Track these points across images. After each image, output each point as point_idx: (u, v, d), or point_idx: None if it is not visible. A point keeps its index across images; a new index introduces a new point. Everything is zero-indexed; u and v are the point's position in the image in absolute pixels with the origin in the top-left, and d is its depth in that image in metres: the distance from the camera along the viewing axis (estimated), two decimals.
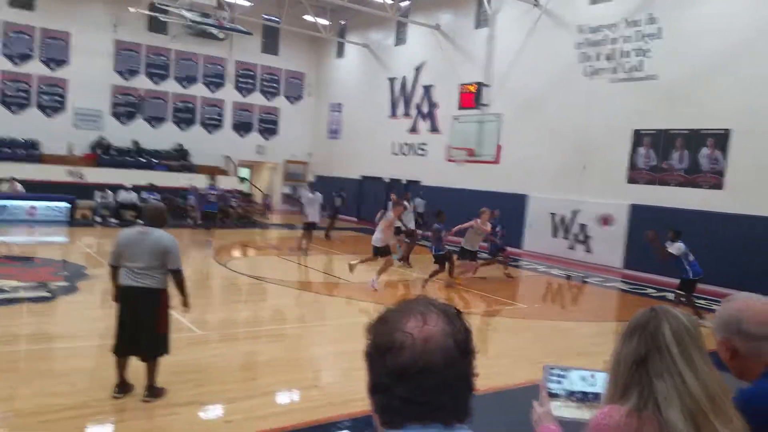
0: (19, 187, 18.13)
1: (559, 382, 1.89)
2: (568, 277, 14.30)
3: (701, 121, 13.96)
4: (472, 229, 11.85)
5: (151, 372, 5.23)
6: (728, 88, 13.38)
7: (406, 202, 14.34)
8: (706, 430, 1.47)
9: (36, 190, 18.47)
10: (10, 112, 22.18)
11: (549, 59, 17.30)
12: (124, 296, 5.20)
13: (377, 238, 11.22)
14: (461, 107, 19.54)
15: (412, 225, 14.98)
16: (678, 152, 14.50)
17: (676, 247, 9.90)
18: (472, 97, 18.03)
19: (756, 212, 12.62)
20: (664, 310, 1.63)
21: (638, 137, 15.30)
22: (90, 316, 7.91)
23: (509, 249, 14.05)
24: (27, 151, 21.93)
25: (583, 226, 16.31)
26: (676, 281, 10.26)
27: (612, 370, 1.64)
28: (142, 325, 5.15)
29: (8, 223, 16.70)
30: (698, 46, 14.00)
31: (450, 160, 17.08)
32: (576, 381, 1.89)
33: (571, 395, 1.88)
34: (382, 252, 11.18)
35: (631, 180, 15.46)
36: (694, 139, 14.15)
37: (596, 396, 1.86)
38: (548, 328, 9.34)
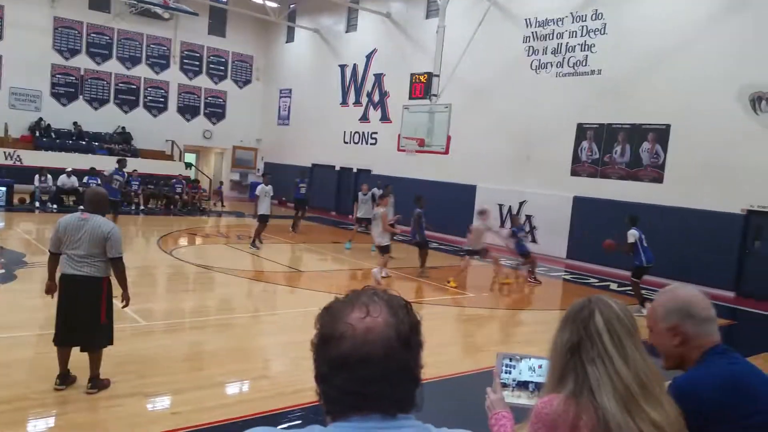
0: None
1: (508, 372, 1.95)
2: (515, 267, 14.62)
3: (642, 116, 14.45)
4: (477, 230, 12.05)
5: (94, 363, 5.10)
6: (668, 84, 13.88)
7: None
8: (638, 414, 1.55)
9: None
10: None
11: (498, 51, 17.54)
12: (64, 284, 5.05)
13: (382, 236, 11.05)
14: (412, 97, 19.62)
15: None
16: (620, 146, 14.97)
17: (631, 234, 10.03)
18: (422, 87, 18.13)
19: (693, 205, 13.20)
20: (597, 299, 1.70)
21: (582, 131, 15.72)
22: (29, 306, 7.62)
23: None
24: None
25: (529, 217, 16.68)
26: (619, 271, 10.64)
27: (550, 359, 1.72)
28: (82, 315, 5.01)
29: None
30: (640, 43, 14.46)
31: (401, 150, 17.12)
32: (524, 371, 1.95)
33: (519, 385, 1.94)
34: (388, 248, 11.17)
35: (574, 173, 15.89)
36: (636, 133, 14.64)
37: (538, 386, 1.93)
38: (495, 316, 9.56)
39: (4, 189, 17.17)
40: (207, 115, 27.10)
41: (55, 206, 17.93)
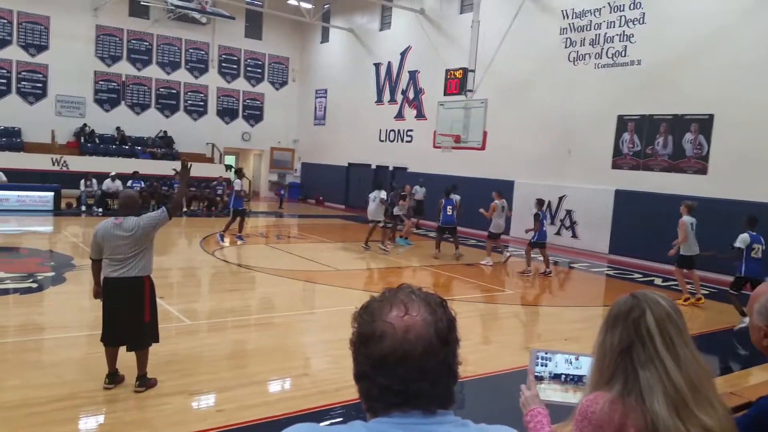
0: (2, 176, 17.88)
1: (544, 365, 1.94)
2: (555, 263, 14.43)
3: (685, 107, 14.07)
4: (495, 207, 13.55)
5: (141, 362, 5.24)
6: (711, 72, 13.48)
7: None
8: (689, 419, 1.52)
9: (19, 178, 18.23)
10: None
11: (534, 44, 17.31)
12: (108, 288, 5.19)
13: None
14: (447, 93, 19.52)
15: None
16: (662, 137, 14.62)
17: (741, 239, 8.93)
18: (457, 83, 18.01)
19: (738, 197, 12.79)
20: (645, 297, 1.66)
21: (622, 123, 15.40)
22: (78, 307, 7.87)
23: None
24: (9, 139, 21.62)
25: (569, 212, 16.43)
26: (663, 266, 10.34)
27: (597, 358, 1.68)
28: (127, 316, 5.15)
29: None
30: (681, 31, 14.08)
31: (437, 147, 17.06)
32: (560, 364, 1.94)
33: (555, 378, 1.93)
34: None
35: (616, 165, 15.58)
36: (678, 124, 14.26)
37: (579, 378, 1.91)
38: (534, 313, 9.45)
39: (52, 194, 17.73)
40: (245, 117, 27.51)
41: (100, 210, 18.45)
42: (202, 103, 26.37)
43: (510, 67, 17.47)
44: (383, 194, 14.54)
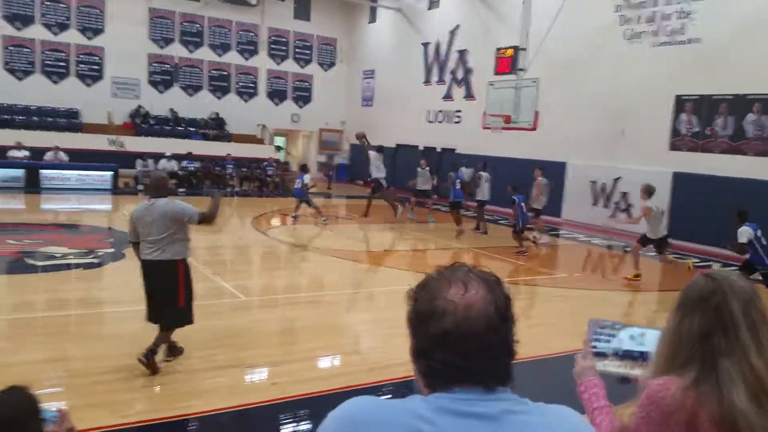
0: (63, 155, 18.58)
1: (608, 341, 1.86)
2: (609, 247, 14.12)
3: (746, 86, 13.44)
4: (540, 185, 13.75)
5: (161, 339, 5.26)
6: None
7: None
8: None
9: (79, 158, 18.91)
10: (51, 81, 22.61)
11: (587, 22, 16.79)
12: (144, 269, 5.27)
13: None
14: (497, 72, 19.20)
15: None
16: (722, 118, 14.02)
17: (744, 233, 8.71)
18: (508, 62, 17.70)
19: None
20: (726, 280, 1.57)
21: (680, 103, 14.84)
22: (136, 282, 8.07)
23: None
24: (68, 120, 22.41)
25: (624, 194, 16.01)
26: (722, 251, 10.00)
27: (670, 342, 1.60)
28: (162, 298, 5.23)
29: (55, 191, 17.19)
30: (743, 7, 13.40)
31: (486, 128, 16.84)
32: (625, 340, 1.85)
33: (619, 355, 1.85)
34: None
35: (674, 147, 15.06)
36: (739, 104, 13.65)
37: (643, 355, 1.82)
38: (587, 297, 9.29)
39: (110, 173, 18.34)
40: (294, 99, 27.72)
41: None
42: (252, 85, 26.70)
43: (563, 45, 17.03)
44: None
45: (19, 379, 2.30)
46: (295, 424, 4.64)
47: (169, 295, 5.21)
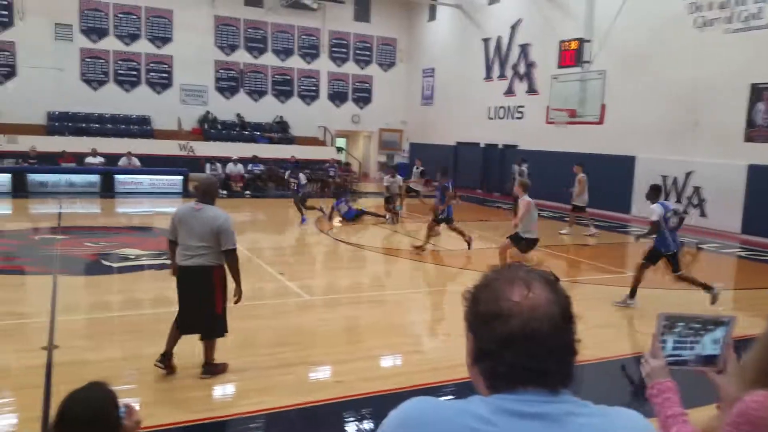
0: (136, 161, 19.42)
1: (691, 348, 1.62)
2: (681, 244, 13.55)
3: None
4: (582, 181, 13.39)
5: (210, 350, 5.18)
6: None
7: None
8: None
9: (150, 163, 19.72)
10: (123, 90, 23.71)
11: (655, 11, 16.16)
12: (180, 276, 5.10)
13: None
14: (561, 66, 18.76)
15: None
16: None
17: (655, 211, 7.74)
18: (572, 55, 17.27)
19: None
20: None
21: (756, 92, 14.08)
22: None
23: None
24: (140, 127, 23.42)
25: (697, 189, 15.34)
26: None
27: (765, 354, 1.50)
28: (198, 305, 5.06)
29: (129, 195, 17.99)
30: None
31: (550, 122, 16.51)
32: (707, 345, 1.62)
33: (706, 361, 1.62)
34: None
35: (749, 138, 14.30)
36: None
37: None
38: (657, 297, 8.94)
39: (180, 178, 19.04)
40: (354, 100, 27.99)
41: (225, 192, 19.55)
42: (314, 88, 27.13)
43: (630, 35, 16.46)
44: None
45: (97, 375, 2.43)
46: (358, 422, 4.68)
47: (205, 302, 5.05)
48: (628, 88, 16.56)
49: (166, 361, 5.08)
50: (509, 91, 22.08)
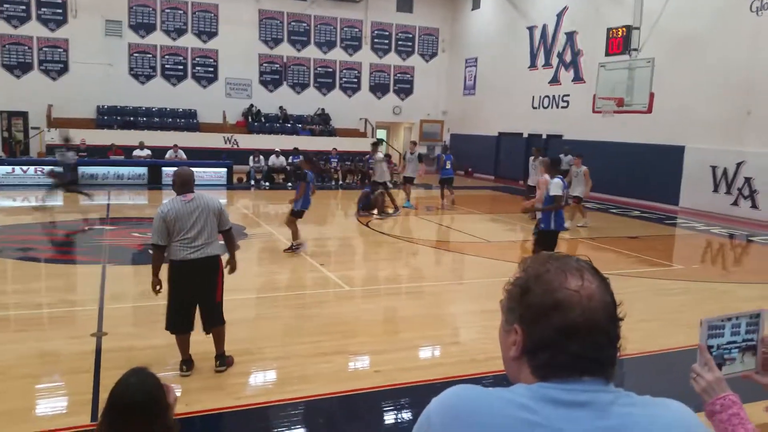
0: (182, 154, 19.86)
1: (738, 349, 1.51)
2: (731, 236, 13.13)
3: None
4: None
5: (220, 341, 5.11)
6: None
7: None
8: None
9: (196, 156, 20.14)
10: (170, 84, 24.23)
11: None
12: (184, 271, 4.87)
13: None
14: (608, 53, 18.28)
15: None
16: None
17: (555, 185, 7.34)
18: (620, 42, 16.78)
19: None
20: None
21: None
22: (250, 272, 8.57)
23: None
24: (186, 120, 23.93)
25: (748, 180, 14.79)
26: None
27: None
28: (203, 297, 4.98)
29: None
30: None
31: (597, 111, 16.12)
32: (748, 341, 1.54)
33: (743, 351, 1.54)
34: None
35: None
36: None
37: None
38: (707, 290, 8.69)
39: (225, 170, 19.40)
40: (396, 91, 27.94)
41: (267, 184, 19.84)
42: (355, 80, 27.19)
43: (680, 21, 15.92)
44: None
45: (143, 361, 2.50)
46: (397, 412, 4.70)
47: (210, 291, 4.99)
48: (677, 76, 16.04)
49: (189, 364, 5.02)
50: (554, 80, 21.68)
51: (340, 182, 21.51)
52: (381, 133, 28.02)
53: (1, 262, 9.08)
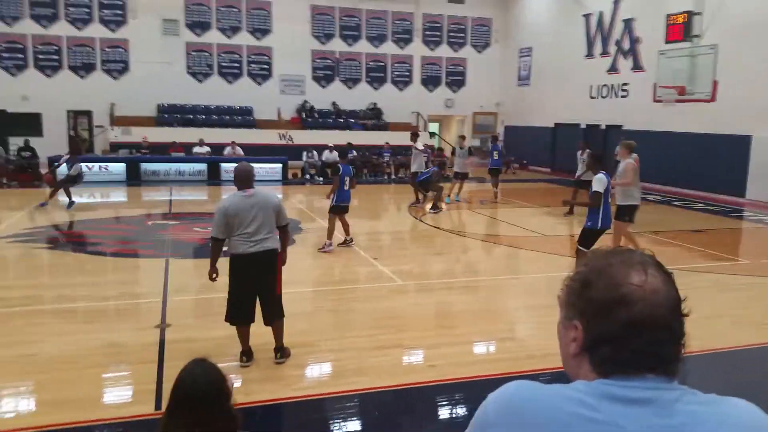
0: (240, 150, 20.30)
1: None
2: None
3: None
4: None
5: (279, 334, 5.21)
6: None
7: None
8: None
9: (253, 152, 20.54)
10: (226, 82, 24.78)
11: None
12: (245, 264, 4.99)
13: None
14: (668, 41, 17.64)
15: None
16: None
17: (598, 181, 7.16)
18: (680, 29, 16.19)
19: None
20: None
21: None
22: (306, 265, 8.70)
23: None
24: (243, 117, 24.44)
25: None
26: None
27: None
28: (265, 289, 5.09)
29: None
30: None
31: (657, 101, 15.61)
32: None
33: None
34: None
35: None
36: None
37: None
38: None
39: (280, 165, 19.72)
40: (448, 84, 27.75)
41: (321, 179, 20.06)
42: (407, 73, 27.14)
43: (745, 5, 15.19)
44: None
45: (206, 353, 2.58)
46: (451, 407, 4.70)
47: (271, 285, 5.11)
48: (743, 63, 15.32)
49: (249, 355, 5.13)
50: (613, 69, 21.07)
51: (393, 176, 21.54)
52: (433, 127, 27.89)
53: (70, 256, 9.53)
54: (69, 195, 13.40)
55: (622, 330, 1.07)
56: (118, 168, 18.62)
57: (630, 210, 8.85)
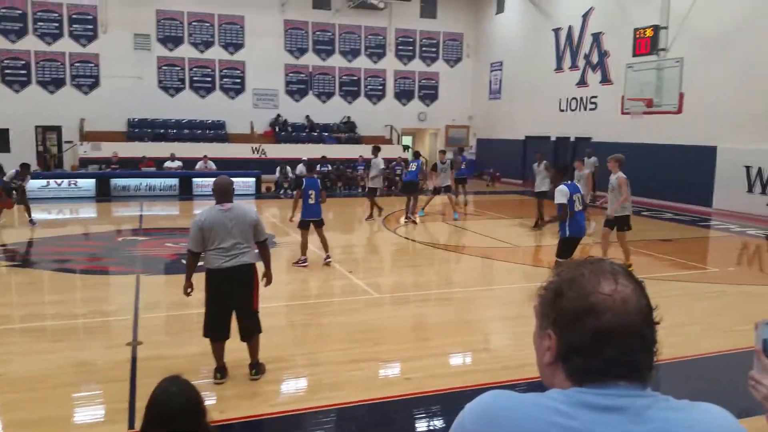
0: (212, 164, 20.13)
1: None
2: None
3: None
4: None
5: (254, 350, 5.16)
6: None
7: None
8: None
9: (225, 166, 20.39)
10: (198, 96, 24.63)
11: None
12: (219, 279, 4.94)
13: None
14: (636, 54, 18.05)
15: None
16: None
17: (561, 192, 7.49)
18: (647, 42, 16.57)
19: None
20: None
21: None
22: (280, 280, 8.54)
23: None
24: (215, 131, 24.27)
25: None
26: None
27: None
28: (240, 305, 5.04)
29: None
30: None
31: (625, 113, 15.91)
32: None
33: None
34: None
35: None
36: None
37: None
38: (743, 293, 8.48)
39: (253, 179, 19.60)
40: (421, 97, 27.97)
41: (295, 193, 19.97)
42: (380, 87, 27.30)
43: (710, 18, 15.64)
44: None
45: (179, 370, 2.54)
46: (428, 419, 4.68)
47: (247, 300, 5.06)
48: (708, 75, 15.75)
49: (224, 372, 5.05)
50: (582, 82, 21.47)
51: (367, 189, 21.54)
52: (407, 140, 28.06)
53: (38, 274, 9.31)
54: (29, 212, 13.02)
55: (592, 339, 1.08)
56: (88, 184, 18.31)
57: (627, 219, 9.36)
